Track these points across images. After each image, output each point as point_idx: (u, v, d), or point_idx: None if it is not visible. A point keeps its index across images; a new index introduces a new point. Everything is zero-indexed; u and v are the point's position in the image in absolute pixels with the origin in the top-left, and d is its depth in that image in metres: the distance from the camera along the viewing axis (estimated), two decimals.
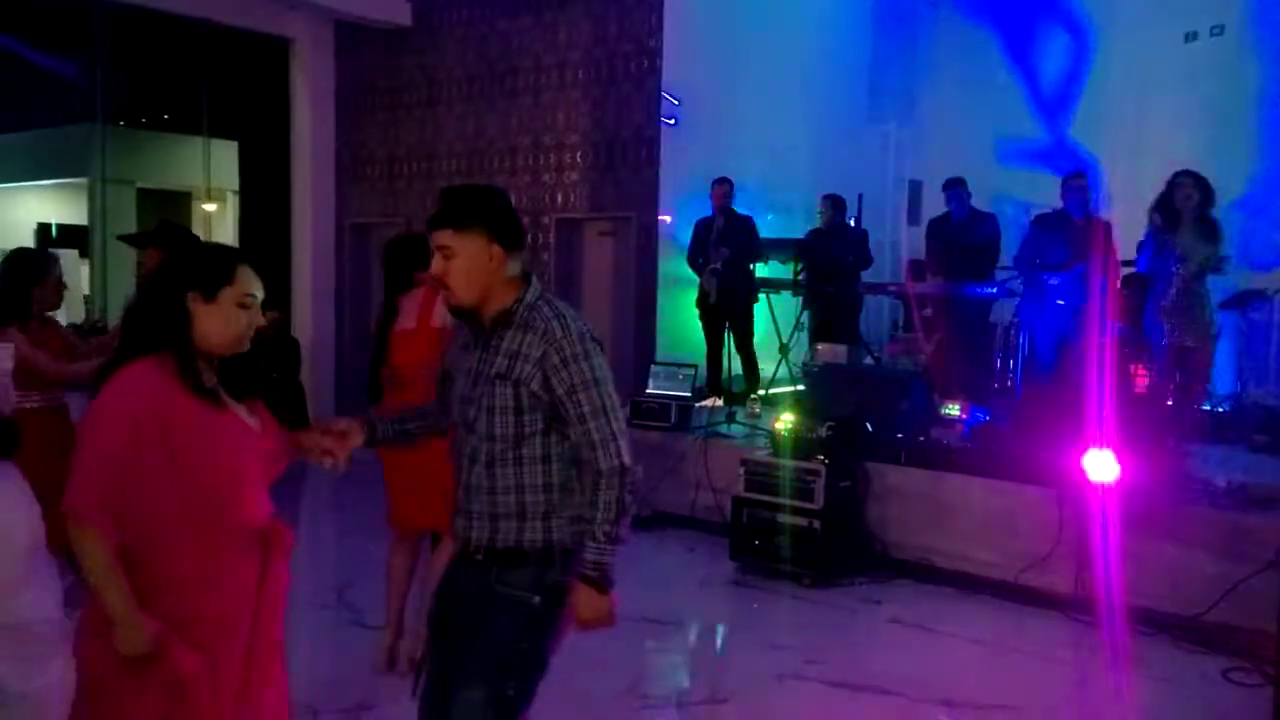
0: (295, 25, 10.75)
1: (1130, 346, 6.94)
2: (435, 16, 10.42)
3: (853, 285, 8.99)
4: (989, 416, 6.93)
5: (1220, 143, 8.36)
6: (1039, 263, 7.31)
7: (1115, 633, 4.87)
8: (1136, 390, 6.90)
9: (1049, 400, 6.45)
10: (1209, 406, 6.61)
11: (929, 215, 9.61)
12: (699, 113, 9.28)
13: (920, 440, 6.50)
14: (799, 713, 4.39)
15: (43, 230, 16.06)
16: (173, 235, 4.28)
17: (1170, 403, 6.56)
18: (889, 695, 4.45)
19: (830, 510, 5.87)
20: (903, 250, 11.15)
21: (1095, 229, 6.98)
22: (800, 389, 8.25)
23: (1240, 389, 7.63)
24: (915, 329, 8.96)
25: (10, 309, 4.13)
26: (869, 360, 9.09)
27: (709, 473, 6.79)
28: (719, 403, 8.20)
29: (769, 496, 6.01)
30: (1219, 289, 6.80)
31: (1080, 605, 5.29)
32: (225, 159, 13.43)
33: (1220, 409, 7.38)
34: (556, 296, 2.62)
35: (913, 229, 11.23)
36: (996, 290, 8.21)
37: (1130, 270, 7.25)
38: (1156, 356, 6.54)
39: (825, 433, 6.06)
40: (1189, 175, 6.31)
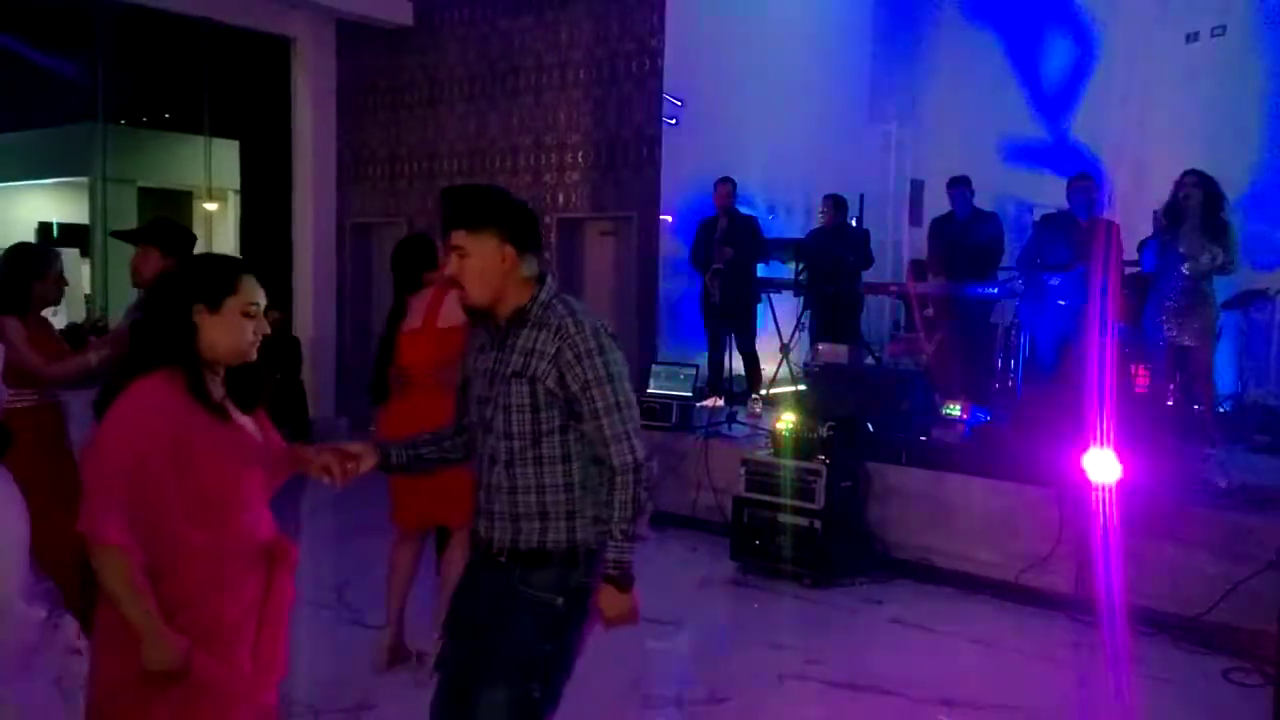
0: (296, 24, 10.75)
1: (1131, 346, 6.93)
2: (437, 16, 10.42)
3: (854, 285, 8.98)
4: (990, 416, 6.92)
5: (1221, 143, 8.35)
6: (1039, 262, 7.31)
7: (1116, 633, 4.86)
8: (1137, 390, 6.89)
9: (1050, 400, 6.45)
10: (1198, 406, 6.61)
11: (930, 215, 9.61)
12: (700, 112, 9.28)
13: (921, 440, 6.49)
14: (799, 713, 4.39)
15: (44, 229, 16.07)
16: (167, 232, 4.26)
17: (1170, 403, 6.56)
18: (889, 695, 4.45)
19: (831, 510, 5.87)
20: (904, 250, 11.15)
21: (1099, 230, 6.97)
22: (801, 389, 8.25)
23: (1241, 389, 7.63)
24: (916, 329, 8.96)
25: (10, 302, 4.13)
26: (870, 360, 9.08)
27: (710, 473, 6.79)
28: (720, 402, 8.20)
29: (770, 496, 6.01)
30: (1220, 289, 6.79)
31: (1081, 605, 5.29)
32: (226, 158, 13.45)
33: (1221, 409, 7.38)
34: (572, 296, 2.63)
35: (914, 229, 11.24)
36: (998, 290, 8.21)
37: (1133, 270, 7.24)
38: (1157, 357, 6.54)
39: (826, 433, 6.05)
40: (1193, 174, 6.28)
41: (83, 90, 12.23)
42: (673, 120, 9.08)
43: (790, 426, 6.12)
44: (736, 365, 8.66)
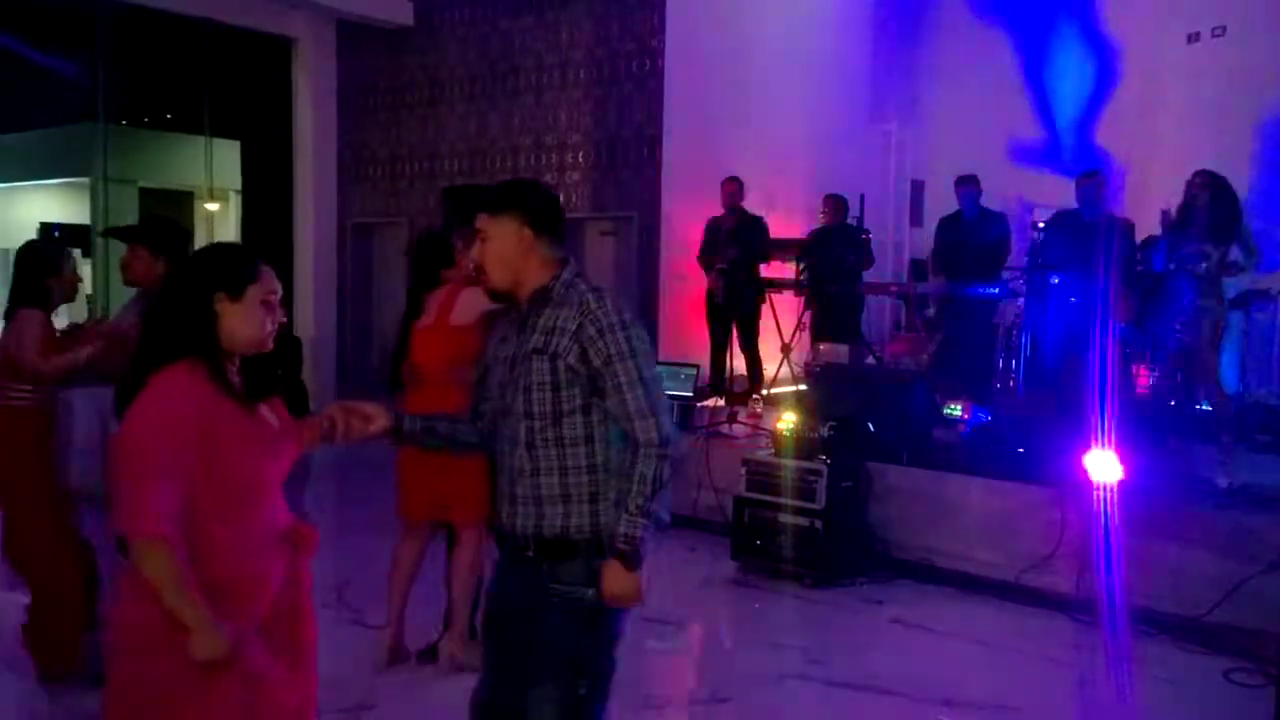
0: (297, 25, 10.76)
1: (1134, 346, 6.92)
2: (437, 16, 10.43)
3: (854, 285, 8.98)
4: (991, 417, 6.92)
5: (1222, 143, 8.34)
6: (1040, 262, 7.30)
7: (1117, 633, 4.85)
8: (1139, 390, 6.88)
9: (1051, 400, 6.44)
10: (1211, 407, 6.59)
11: (931, 215, 9.61)
12: (700, 112, 9.28)
13: (922, 440, 6.49)
14: (800, 713, 4.39)
15: (45, 230, 16.07)
16: (160, 230, 4.26)
17: (1173, 403, 6.54)
18: (890, 695, 4.44)
19: (832, 510, 5.86)
20: (905, 250, 11.15)
21: (1108, 228, 6.92)
22: (802, 389, 8.25)
23: (1243, 389, 7.61)
24: (918, 329, 8.95)
25: (30, 301, 4.12)
26: (871, 360, 9.08)
27: (711, 472, 6.78)
28: (721, 402, 8.20)
29: (771, 496, 6.00)
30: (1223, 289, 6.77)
31: (1082, 605, 5.27)
32: (227, 158, 13.45)
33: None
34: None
35: (914, 229, 11.24)
36: (999, 291, 8.20)
37: (1140, 269, 7.22)
38: (1160, 357, 6.52)
39: (827, 432, 6.05)
40: (1201, 174, 6.23)
41: (83, 90, 12.23)
42: None
43: (791, 426, 6.11)
44: (737, 365, 8.65)
